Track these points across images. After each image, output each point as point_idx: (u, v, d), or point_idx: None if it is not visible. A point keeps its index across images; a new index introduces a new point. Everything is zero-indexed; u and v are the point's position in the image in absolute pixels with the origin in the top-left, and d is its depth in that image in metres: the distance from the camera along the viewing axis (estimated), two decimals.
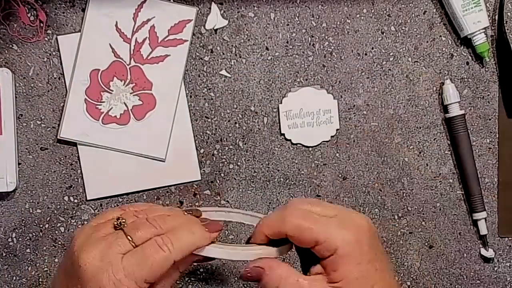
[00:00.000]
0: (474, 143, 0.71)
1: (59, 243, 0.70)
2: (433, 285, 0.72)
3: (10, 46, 0.69)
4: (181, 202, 0.71)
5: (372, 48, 0.71)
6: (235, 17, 0.70)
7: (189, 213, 0.53)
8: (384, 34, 0.71)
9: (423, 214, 0.72)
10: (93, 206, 0.70)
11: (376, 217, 0.72)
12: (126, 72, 0.69)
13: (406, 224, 0.72)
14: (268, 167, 0.71)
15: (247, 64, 0.71)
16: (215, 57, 0.70)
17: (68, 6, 0.69)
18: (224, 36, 0.70)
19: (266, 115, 0.71)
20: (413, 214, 0.72)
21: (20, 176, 0.70)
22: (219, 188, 0.71)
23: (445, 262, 0.72)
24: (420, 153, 0.72)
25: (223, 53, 0.70)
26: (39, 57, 0.69)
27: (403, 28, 0.71)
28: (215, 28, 0.70)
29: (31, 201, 0.70)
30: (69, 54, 0.69)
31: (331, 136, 0.71)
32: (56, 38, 0.69)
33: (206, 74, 0.70)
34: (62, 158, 0.70)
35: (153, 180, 0.70)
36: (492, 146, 0.72)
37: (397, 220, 0.72)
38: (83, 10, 0.69)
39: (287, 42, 0.71)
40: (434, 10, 0.71)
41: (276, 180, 0.71)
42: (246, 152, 0.71)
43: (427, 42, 0.71)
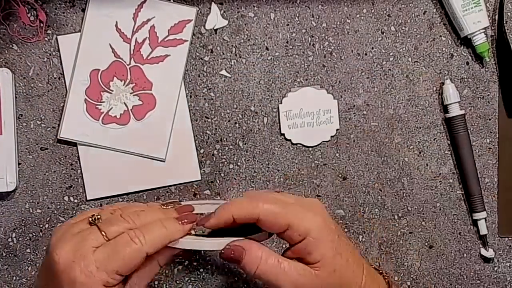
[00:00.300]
0: (474, 143, 0.71)
1: None
2: (433, 285, 0.72)
3: (10, 46, 0.69)
4: (181, 202, 0.71)
5: (372, 48, 0.71)
6: (235, 17, 0.70)
7: (167, 206, 0.54)
8: (384, 34, 0.71)
9: (423, 214, 0.72)
10: (93, 206, 0.70)
11: (376, 217, 0.72)
12: (126, 72, 0.69)
13: (406, 224, 0.72)
14: (268, 167, 0.71)
15: (247, 64, 0.71)
16: (215, 57, 0.70)
17: (68, 6, 0.69)
18: (224, 36, 0.70)
19: (266, 115, 0.71)
20: (413, 214, 0.72)
21: (20, 176, 0.70)
22: (219, 188, 0.71)
23: (445, 262, 0.72)
24: (420, 153, 0.72)
25: (223, 53, 0.70)
26: (39, 57, 0.69)
27: (403, 28, 0.71)
28: (215, 28, 0.70)
29: (31, 201, 0.70)
30: (69, 54, 0.69)
31: (331, 136, 0.71)
32: (56, 38, 0.69)
33: (206, 74, 0.70)
34: (62, 158, 0.70)
35: (153, 180, 0.70)
36: (492, 146, 0.72)
37: (397, 220, 0.72)
38: (83, 10, 0.69)
39: (287, 42, 0.71)
40: (434, 10, 0.71)
41: (276, 180, 0.71)
42: (246, 152, 0.71)
43: (427, 42, 0.71)
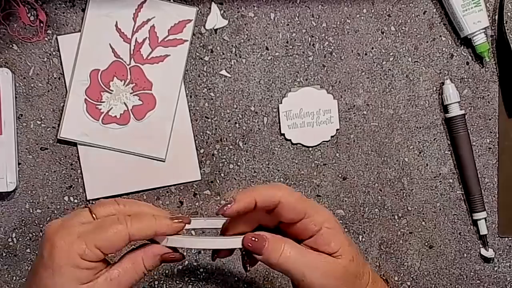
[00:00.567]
0: (474, 143, 0.71)
1: None
2: (433, 285, 0.72)
3: (10, 46, 0.69)
4: (181, 202, 0.71)
5: (372, 48, 0.71)
6: (235, 17, 0.70)
7: (177, 221, 0.52)
8: (384, 34, 0.71)
9: (423, 214, 0.72)
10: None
11: (376, 217, 0.72)
12: (126, 72, 0.69)
13: (406, 224, 0.72)
14: (268, 167, 0.71)
15: (247, 64, 0.71)
16: (215, 57, 0.70)
17: (68, 6, 0.69)
18: (224, 36, 0.70)
19: (266, 115, 0.71)
20: (413, 214, 0.72)
21: (20, 176, 0.70)
22: (219, 188, 0.71)
23: (445, 262, 0.72)
24: (420, 153, 0.72)
25: (223, 53, 0.70)
26: (39, 57, 0.69)
27: (403, 28, 0.71)
28: (215, 28, 0.70)
29: (31, 201, 0.70)
30: (69, 54, 0.69)
31: (331, 136, 0.71)
32: (56, 38, 0.69)
33: (206, 74, 0.70)
34: (62, 158, 0.70)
35: (153, 180, 0.70)
36: (492, 146, 0.72)
37: (397, 220, 0.72)
38: (83, 10, 0.69)
39: (287, 42, 0.71)
40: (434, 10, 0.71)
41: (276, 180, 0.71)
42: (246, 152, 0.71)
43: (427, 42, 0.71)
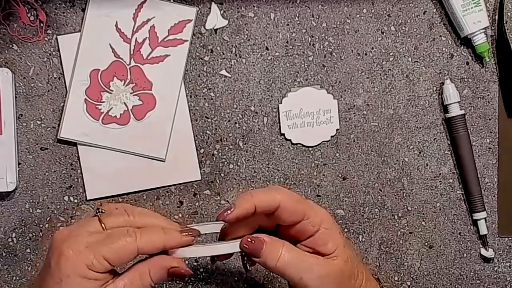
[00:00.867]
0: (474, 143, 0.71)
1: None
2: (433, 285, 0.72)
3: (10, 46, 0.69)
4: (181, 202, 0.71)
5: (372, 48, 0.71)
6: (235, 17, 0.70)
7: (186, 234, 0.51)
8: (384, 34, 0.71)
9: (423, 214, 0.72)
10: (93, 206, 0.70)
11: (376, 217, 0.72)
12: (126, 72, 0.69)
13: (406, 224, 0.72)
14: (268, 167, 0.71)
15: (247, 64, 0.71)
16: (215, 57, 0.70)
17: (68, 6, 0.69)
18: (224, 36, 0.70)
19: (266, 115, 0.71)
20: (413, 214, 0.72)
21: (20, 176, 0.69)
22: (219, 188, 0.71)
23: (445, 262, 0.72)
24: (420, 153, 0.72)
25: (223, 53, 0.70)
26: (39, 57, 0.69)
27: (403, 28, 0.71)
28: (215, 28, 0.70)
29: (31, 201, 0.70)
30: (69, 54, 0.69)
31: (331, 136, 0.71)
32: (56, 38, 0.69)
33: (206, 74, 0.70)
34: (62, 158, 0.70)
35: (153, 180, 0.70)
36: (492, 146, 0.72)
37: (397, 220, 0.72)
38: (83, 10, 0.69)
39: (287, 42, 0.71)
40: (434, 10, 0.71)
41: (276, 180, 0.71)
42: (246, 152, 0.71)
43: (427, 42, 0.71)
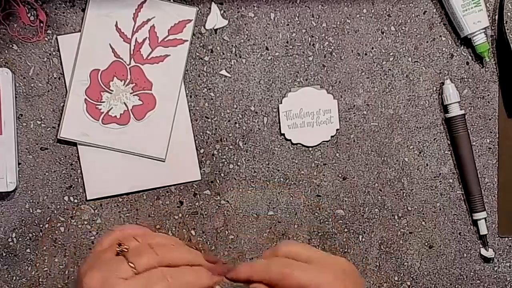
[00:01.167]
0: (474, 143, 0.71)
1: (59, 243, 0.70)
2: (433, 285, 0.72)
3: (10, 46, 0.69)
4: (181, 202, 0.71)
5: (372, 48, 0.71)
6: (235, 17, 0.70)
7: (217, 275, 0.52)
8: (384, 34, 0.71)
9: (423, 214, 0.72)
10: (93, 206, 0.70)
11: (376, 217, 0.72)
12: (126, 72, 0.69)
13: (406, 224, 0.72)
14: (268, 167, 0.71)
15: (247, 64, 0.71)
16: (215, 57, 0.70)
17: (68, 6, 0.69)
18: (224, 36, 0.70)
19: (266, 115, 0.71)
20: (413, 214, 0.72)
21: (20, 176, 0.70)
22: (219, 188, 0.71)
23: (445, 262, 0.72)
24: (420, 153, 0.72)
25: (223, 53, 0.70)
26: (39, 57, 0.69)
27: (403, 28, 0.71)
28: (215, 28, 0.70)
29: (31, 201, 0.70)
30: (69, 54, 0.69)
31: (331, 136, 0.71)
32: (56, 38, 0.69)
33: (206, 74, 0.70)
34: (62, 158, 0.70)
35: (153, 180, 0.70)
36: (492, 146, 0.72)
37: (397, 220, 0.72)
38: (83, 10, 0.69)
39: (287, 42, 0.71)
40: (434, 10, 0.71)
41: (276, 180, 0.71)
42: (246, 152, 0.71)
43: (427, 42, 0.71)
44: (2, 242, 0.70)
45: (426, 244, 0.72)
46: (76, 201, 0.70)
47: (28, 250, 0.70)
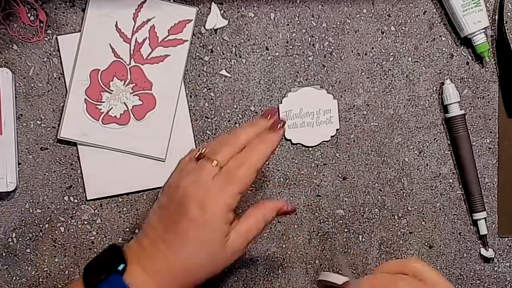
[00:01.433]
0: (474, 143, 0.71)
1: (59, 243, 0.70)
2: None
3: (10, 46, 0.69)
4: None
5: (372, 48, 0.71)
6: (235, 17, 0.70)
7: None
8: (384, 34, 0.71)
9: (423, 214, 0.72)
10: (93, 206, 0.70)
11: (376, 217, 0.72)
12: (126, 72, 0.69)
13: (406, 224, 0.72)
14: (268, 167, 0.71)
15: (247, 64, 0.71)
16: (215, 57, 0.70)
17: (68, 6, 0.69)
18: (224, 36, 0.70)
19: None
20: (413, 214, 0.72)
21: (20, 176, 0.70)
22: None
23: (445, 262, 0.72)
24: (420, 153, 0.72)
25: (223, 53, 0.70)
26: (39, 57, 0.69)
27: (403, 28, 0.71)
28: (215, 28, 0.70)
29: (31, 201, 0.70)
30: (69, 54, 0.69)
31: (331, 136, 0.71)
32: (56, 38, 0.69)
33: (206, 74, 0.70)
34: (62, 158, 0.70)
35: (153, 180, 0.70)
36: (492, 146, 0.72)
37: (397, 220, 0.72)
38: (83, 10, 0.69)
39: (287, 42, 0.71)
40: (434, 10, 0.71)
41: (276, 180, 0.71)
42: None
43: (427, 42, 0.71)
44: (2, 242, 0.70)
45: (426, 244, 0.72)
46: (76, 201, 0.70)
47: (28, 250, 0.70)
